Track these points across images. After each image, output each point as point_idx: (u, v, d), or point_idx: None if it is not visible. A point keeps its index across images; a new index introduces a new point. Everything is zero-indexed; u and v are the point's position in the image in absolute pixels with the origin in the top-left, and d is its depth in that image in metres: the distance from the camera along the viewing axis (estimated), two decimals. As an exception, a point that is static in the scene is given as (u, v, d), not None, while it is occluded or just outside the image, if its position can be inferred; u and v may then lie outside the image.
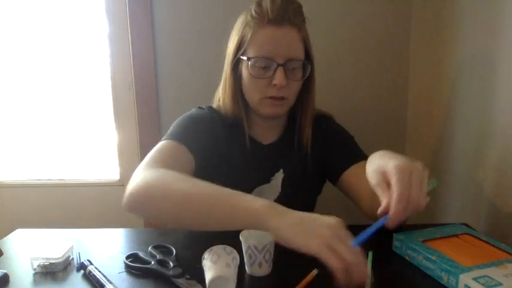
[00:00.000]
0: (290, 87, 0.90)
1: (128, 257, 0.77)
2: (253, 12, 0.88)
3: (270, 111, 0.92)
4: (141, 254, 0.78)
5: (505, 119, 0.90)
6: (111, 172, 1.62)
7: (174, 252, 0.78)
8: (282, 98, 0.90)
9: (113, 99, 1.54)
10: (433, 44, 1.28)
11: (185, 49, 1.44)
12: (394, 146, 1.50)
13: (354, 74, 1.46)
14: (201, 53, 1.44)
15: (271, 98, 0.89)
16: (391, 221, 0.60)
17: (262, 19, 0.86)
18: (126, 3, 1.41)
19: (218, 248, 0.68)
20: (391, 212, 0.60)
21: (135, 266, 0.75)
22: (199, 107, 1.01)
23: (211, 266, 0.64)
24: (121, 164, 1.59)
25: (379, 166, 0.65)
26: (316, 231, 0.58)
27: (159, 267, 0.73)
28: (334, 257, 0.55)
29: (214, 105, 1.01)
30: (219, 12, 1.40)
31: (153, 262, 0.74)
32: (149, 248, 0.80)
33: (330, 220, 0.60)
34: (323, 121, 1.03)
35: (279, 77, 0.86)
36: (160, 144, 0.87)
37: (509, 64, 0.88)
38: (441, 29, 1.22)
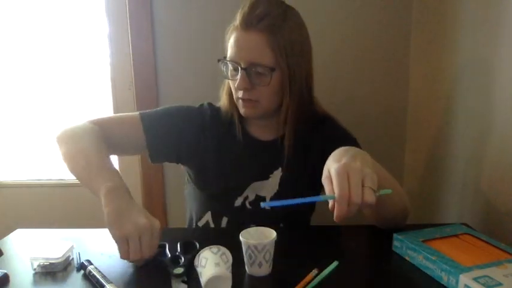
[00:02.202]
0: (258, 91, 0.91)
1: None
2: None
3: (243, 112, 0.95)
4: (167, 246, 0.80)
5: (505, 119, 0.90)
6: (111, 172, 1.62)
7: (197, 249, 0.78)
8: (251, 101, 0.93)
9: (113, 99, 1.54)
10: (433, 44, 1.28)
11: (185, 49, 1.44)
12: (394, 145, 1.50)
13: (354, 73, 1.45)
14: (201, 53, 1.43)
15: (241, 99, 0.93)
16: (336, 217, 0.64)
17: (235, 24, 0.91)
18: (126, 3, 1.41)
19: (204, 251, 0.69)
20: (335, 211, 0.64)
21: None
22: (203, 104, 1.06)
23: (201, 271, 0.66)
24: (121, 164, 1.59)
25: (327, 165, 0.70)
26: (123, 224, 0.71)
27: (168, 263, 0.74)
28: (124, 249, 0.71)
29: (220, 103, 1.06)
30: (219, 12, 1.40)
31: (169, 256, 0.76)
32: (178, 243, 0.81)
33: (141, 220, 0.72)
34: (325, 123, 1.04)
35: (238, 80, 0.90)
36: (128, 114, 1.02)
37: (509, 65, 0.88)
38: (441, 29, 1.22)
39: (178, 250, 0.79)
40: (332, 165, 0.66)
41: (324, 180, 0.67)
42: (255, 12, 0.87)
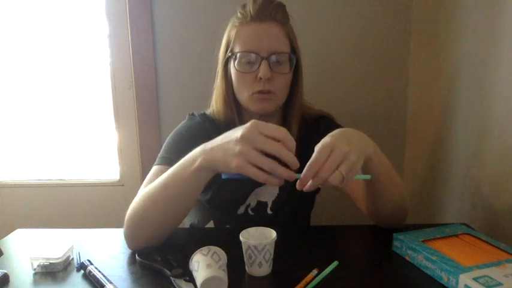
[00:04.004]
0: (277, 81, 0.91)
1: (140, 252, 0.78)
2: (238, 14, 0.93)
3: (258, 107, 0.92)
4: (152, 251, 0.79)
5: (504, 119, 0.90)
6: (111, 172, 1.62)
7: (184, 248, 0.78)
8: (270, 93, 0.90)
9: (113, 99, 1.54)
10: (433, 45, 1.28)
11: (185, 49, 1.44)
12: (394, 146, 1.50)
13: (353, 74, 1.45)
14: (201, 53, 1.43)
15: (259, 93, 0.90)
16: (299, 183, 0.66)
17: (245, 18, 0.91)
18: (126, 3, 1.41)
19: (196, 255, 0.69)
20: (302, 174, 0.65)
21: (141, 262, 0.76)
22: (192, 114, 1.03)
23: (196, 275, 0.66)
24: (121, 164, 1.59)
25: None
26: (231, 151, 0.65)
27: (162, 266, 0.73)
28: (255, 170, 0.63)
29: (208, 111, 1.02)
30: (219, 12, 1.40)
31: (159, 259, 0.75)
32: (163, 246, 0.80)
33: (241, 132, 0.65)
34: (322, 122, 1.03)
35: (263, 70, 0.88)
36: (153, 169, 0.92)
37: (508, 65, 0.88)
38: (441, 30, 1.22)
39: (165, 254, 0.78)
40: (325, 138, 0.68)
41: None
42: (272, 4, 0.90)
